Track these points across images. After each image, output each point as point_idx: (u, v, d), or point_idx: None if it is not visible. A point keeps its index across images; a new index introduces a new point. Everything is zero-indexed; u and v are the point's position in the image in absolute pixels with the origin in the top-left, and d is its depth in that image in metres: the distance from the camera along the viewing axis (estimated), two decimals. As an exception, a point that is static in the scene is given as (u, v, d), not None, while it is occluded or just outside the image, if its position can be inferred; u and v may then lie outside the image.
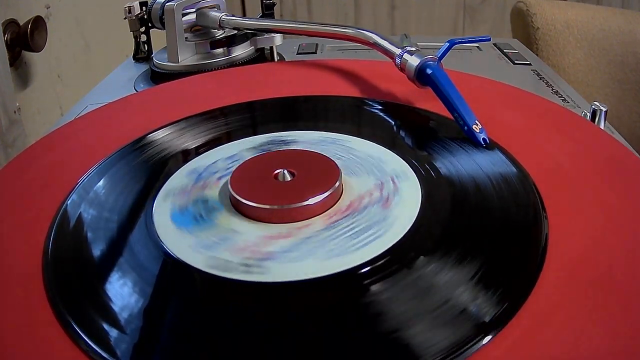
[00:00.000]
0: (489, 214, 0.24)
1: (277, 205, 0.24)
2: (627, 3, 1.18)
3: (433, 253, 0.22)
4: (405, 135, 0.32)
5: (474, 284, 0.20)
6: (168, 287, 0.22)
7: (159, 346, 0.19)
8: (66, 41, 0.75)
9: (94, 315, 0.20)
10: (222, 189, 0.27)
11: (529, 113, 0.33)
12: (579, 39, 0.68)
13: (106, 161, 0.30)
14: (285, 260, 0.22)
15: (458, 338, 0.18)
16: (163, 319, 0.20)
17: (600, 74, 0.68)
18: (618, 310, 0.19)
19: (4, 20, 0.60)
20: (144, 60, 0.54)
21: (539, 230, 0.23)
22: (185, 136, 0.32)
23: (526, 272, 0.21)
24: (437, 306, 0.19)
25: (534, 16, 0.69)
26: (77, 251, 0.24)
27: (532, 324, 0.19)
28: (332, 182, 0.25)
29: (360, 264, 0.21)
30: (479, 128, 0.29)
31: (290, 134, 0.31)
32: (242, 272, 0.21)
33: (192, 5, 0.48)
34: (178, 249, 0.23)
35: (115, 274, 0.22)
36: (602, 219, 0.23)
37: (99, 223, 0.25)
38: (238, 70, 0.44)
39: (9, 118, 0.58)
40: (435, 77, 0.32)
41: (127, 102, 0.38)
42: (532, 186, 0.25)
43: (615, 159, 0.28)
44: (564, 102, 0.42)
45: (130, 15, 0.52)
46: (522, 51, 0.55)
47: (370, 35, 0.38)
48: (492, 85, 0.37)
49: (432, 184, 0.26)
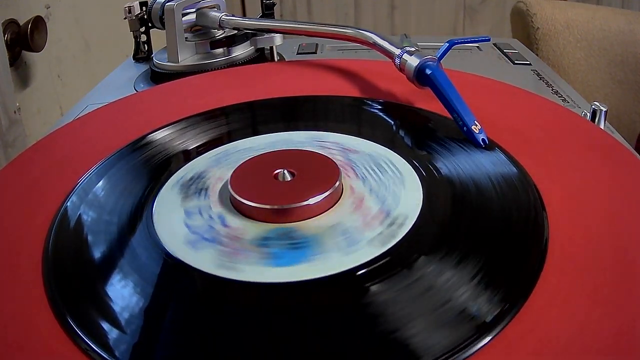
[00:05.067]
0: (489, 214, 0.24)
1: (277, 205, 0.24)
2: (627, 3, 1.18)
3: (433, 253, 0.22)
4: (405, 135, 0.32)
5: (474, 284, 0.20)
6: (168, 288, 0.22)
7: (159, 346, 0.19)
8: (66, 41, 0.75)
9: (94, 315, 0.20)
10: (222, 189, 0.27)
11: (528, 113, 0.33)
12: (579, 39, 0.68)
13: (106, 161, 0.30)
14: (285, 260, 0.22)
15: (458, 338, 0.18)
16: (163, 320, 0.20)
17: (600, 74, 0.68)
18: (618, 310, 0.19)
19: (4, 20, 0.60)
20: (144, 60, 0.54)
21: (539, 230, 0.23)
22: (185, 136, 0.32)
23: (526, 272, 0.21)
24: (437, 306, 0.19)
25: (534, 16, 0.69)
26: (77, 251, 0.24)
27: (532, 324, 0.19)
28: (332, 182, 0.25)
29: (360, 264, 0.21)
30: (479, 128, 0.29)
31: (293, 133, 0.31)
32: (241, 272, 0.21)
33: (192, 5, 0.48)
34: (178, 249, 0.23)
35: (115, 274, 0.22)
36: (602, 219, 0.23)
37: (98, 223, 0.25)
38: (238, 70, 0.44)
39: (9, 118, 0.58)
40: (434, 78, 0.32)
41: (127, 102, 0.38)
42: (532, 186, 0.25)
43: (615, 159, 0.28)
44: (564, 102, 0.42)
45: (130, 15, 0.52)
46: (522, 51, 0.55)
47: (369, 36, 0.38)
48: (492, 85, 0.37)
49: (432, 184, 0.26)
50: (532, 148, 0.29)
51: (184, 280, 0.22)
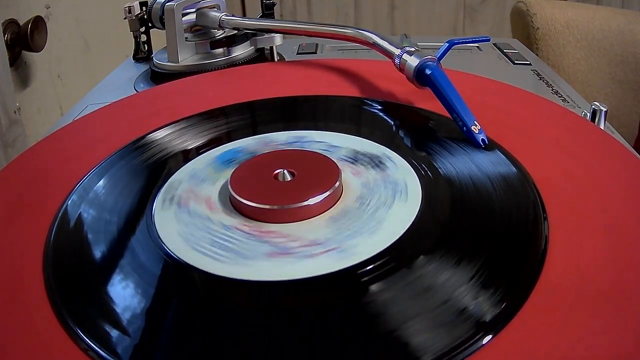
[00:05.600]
0: (489, 213, 0.24)
1: (277, 205, 0.24)
2: (627, 3, 1.18)
3: (433, 252, 0.22)
4: (405, 135, 0.32)
5: (474, 284, 0.20)
6: (169, 288, 0.22)
7: (159, 346, 0.19)
8: (66, 41, 0.75)
9: (94, 315, 0.20)
10: (222, 189, 0.27)
11: (528, 113, 0.33)
12: (579, 39, 0.68)
13: (106, 161, 0.30)
14: (285, 260, 0.22)
15: (458, 338, 0.18)
16: (164, 320, 0.20)
17: (600, 74, 0.68)
18: (618, 311, 0.19)
19: (4, 20, 0.60)
20: (144, 60, 0.54)
21: (539, 230, 0.23)
22: (185, 136, 0.32)
23: (526, 272, 0.21)
24: (437, 306, 0.19)
25: (534, 16, 0.69)
26: (77, 251, 0.24)
27: (532, 324, 0.19)
28: (332, 182, 0.25)
29: (360, 263, 0.21)
30: (478, 129, 0.29)
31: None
32: (241, 272, 0.21)
33: (192, 5, 0.48)
34: (178, 249, 0.23)
35: (115, 274, 0.22)
36: (602, 219, 0.23)
37: (99, 223, 0.25)
38: (238, 70, 0.44)
39: (9, 118, 0.58)
40: (434, 78, 0.32)
41: (127, 102, 0.38)
42: (532, 186, 0.25)
43: (615, 160, 0.28)
44: (564, 102, 0.42)
45: (130, 15, 0.52)
46: (522, 51, 0.55)
47: (369, 36, 0.38)
48: (492, 85, 0.37)
49: (432, 184, 0.26)
50: (532, 148, 0.29)
51: (185, 281, 0.22)
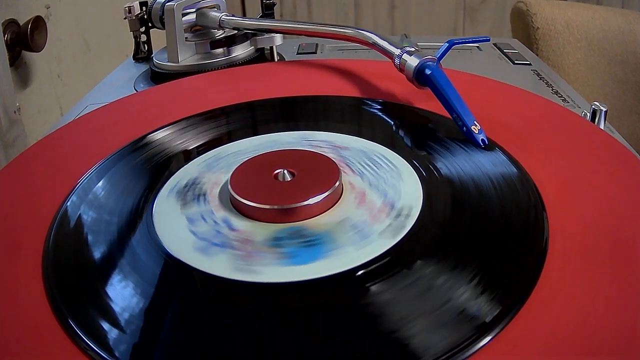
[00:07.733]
0: (489, 214, 0.24)
1: (277, 205, 0.24)
2: (627, 3, 1.18)
3: (433, 253, 0.22)
4: (405, 135, 0.32)
5: (474, 284, 0.20)
6: (168, 288, 0.22)
7: (159, 346, 0.19)
8: (66, 41, 0.75)
9: (94, 315, 0.20)
10: (222, 189, 0.27)
11: (528, 113, 0.33)
12: (579, 39, 0.68)
13: (106, 161, 0.30)
14: (285, 260, 0.22)
15: (458, 338, 0.18)
16: (163, 320, 0.20)
17: (600, 74, 0.68)
18: (619, 310, 0.19)
19: (4, 20, 0.60)
20: (144, 60, 0.54)
21: (539, 230, 0.23)
22: (185, 136, 0.32)
23: (526, 273, 0.21)
24: (437, 306, 0.19)
25: (534, 16, 0.69)
26: (77, 251, 0.24)
27: (532, 324, 0.19)
28: (332, 182, 0.25)
29: (361, 264, 0.21)
30: (478, 129, 0.29)
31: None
32: (242, 272, 0.21)
33: (192, 5, 0.48)
34: (178, 249, 0.23)
35: (115, 274, 0.22)
36: (602, 219, 0.23)
37: (99, 223, 0.25)
38: (238, 70, 0.44)
39: (9, 118, 0.58)
40: (434, 78, 0.32)
41: (127, 102, 0.38)
42: (532, 186, 0.25)
43: (615, 159, 0.28)
44: (564, 102, 0.42)
45: (130, 15, 0.52)
46: (522, 51, 0.55)
47: (369, 36, 0.38)
48: (492, 85, 0.37)
49: (432, 184, 0.26)
50: (532, 148, 0.29)
51: (185, 281, 0.22)
